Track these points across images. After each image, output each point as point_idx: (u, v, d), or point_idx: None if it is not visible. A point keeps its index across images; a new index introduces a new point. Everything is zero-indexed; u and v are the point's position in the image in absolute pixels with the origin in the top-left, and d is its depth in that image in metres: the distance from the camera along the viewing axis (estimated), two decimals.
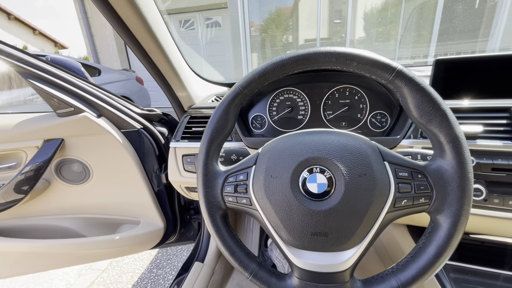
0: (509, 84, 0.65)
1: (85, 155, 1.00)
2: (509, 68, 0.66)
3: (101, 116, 0.95)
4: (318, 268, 0.43)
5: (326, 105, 0.76)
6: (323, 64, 0.44)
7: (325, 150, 0.43)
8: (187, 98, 0.90)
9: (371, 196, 0.40)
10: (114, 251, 1.14)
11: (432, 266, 0.40)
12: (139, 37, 0.70)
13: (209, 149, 0.50)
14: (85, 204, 1.12)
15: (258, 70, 0.46)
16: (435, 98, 0.39)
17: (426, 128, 0.41)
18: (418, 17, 4.64)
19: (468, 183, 0.38)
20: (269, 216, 0.45)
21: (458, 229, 0.39)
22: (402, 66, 0.40)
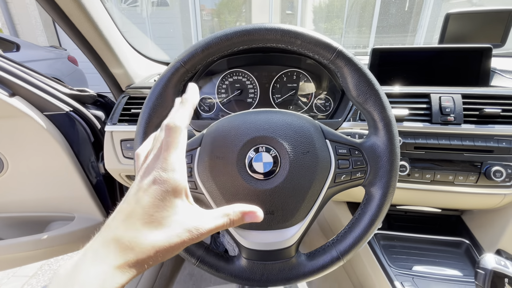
0: (432, 72, 0.74)
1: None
2: (431, 59, 0.75)
3: (15, 95, 0.79)
4: (265, 246, 0.44)
5: (275, 88, 0.77)
6: (269, 41, 0.43)
7: (271, 129, 0.42)
8: (125, 76, 0.80)
9: (314, 172, 0.42)
10: (42, 253, 0.99)
11: (365, 234, 0.44)
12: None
13: (147, 131, 0.45)
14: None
15: (201, 43, 0.43)
16: (370, 79, 0.42)
17: (362, 108, 0.44)
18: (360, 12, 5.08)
19: (395, 157, 0.43)
20: (215, 199, 0.43)
21: (387, 198, 0.43)
22: (342, 47, 0.42)
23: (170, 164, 0.26)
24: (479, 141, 0.64)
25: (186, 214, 0.27)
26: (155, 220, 0.25)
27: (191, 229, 0.26)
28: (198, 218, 0.27)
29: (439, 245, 0.78)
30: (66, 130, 0.89)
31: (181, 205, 0.27)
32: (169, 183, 0.26)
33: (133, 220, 0.25)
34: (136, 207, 0.25)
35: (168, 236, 0.25)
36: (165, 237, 0.25)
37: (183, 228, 0.26)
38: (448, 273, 0.69)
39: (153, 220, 0.25)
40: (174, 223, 0.25)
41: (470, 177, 0.64)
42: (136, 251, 0.24)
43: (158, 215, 0.25)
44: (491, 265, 0.48)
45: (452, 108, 0.65)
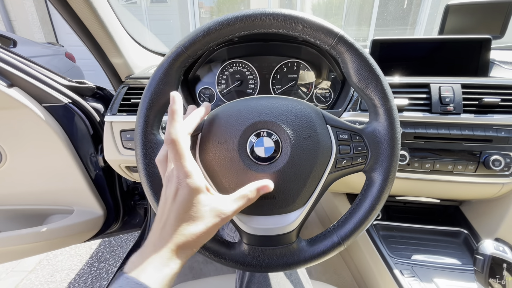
0: (431, 63, 0.74)
1: None
2: (431, 50, 0.75)
3: (13, 86, 0.78)
4: (266, 231, 0.44)
5: (275, 79, 0.77)
6: (270, 27, 0.42)
7: (272, 114, 0.42)
8: (124, 67, 0.80)
9: (315, 157, 0.42)
10: (41, 246, 0.99)
11: (366, 219, 0.44)
12: None
13: (148, 115, 0.45)
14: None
15: (202, 28, 0.42)
16: (371, 64, 0.42)
17: (363, 93, 0.44)
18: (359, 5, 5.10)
19: (396, 142, 0.43)
20: (218, 184, 0.43)
21: (388, 183, 0.43)
22: (344, 32, 0.42)
23: (185, 172, 0.32)
24: (478, 131, 0.64)
25: (212, 204, 0.33)
26: (190, 217, 0.32)
27: (219, 214, 0.33)
28: (222, 203, 0.34)
29: (438, 235, 0.78)
30: (65, 122, 0.88)
31: (205, 198, 0.33)
32: (190, 186, 0.32)
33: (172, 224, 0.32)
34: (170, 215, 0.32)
35: (205, 224, 0.32)
36: (203, 226, 0.32)
37: (213, 215, 0.33)
38: (446, 262, 0.70)
39: (189, 217, 0.32)
40: (205, 213, 0.32)
41: (469, 166, 0.65)
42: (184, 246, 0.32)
43: (190, 212, 0.32)
44: (490, 250, 0.48)
45: (451, 98, 0.65)
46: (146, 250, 0.32)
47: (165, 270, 0.30)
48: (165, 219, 0.32)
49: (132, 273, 0.29)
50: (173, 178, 0.33)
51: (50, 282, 1.44)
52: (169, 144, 0.33)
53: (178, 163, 0.32)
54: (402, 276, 0.66)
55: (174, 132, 0.33)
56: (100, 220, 1.07)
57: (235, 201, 0.35)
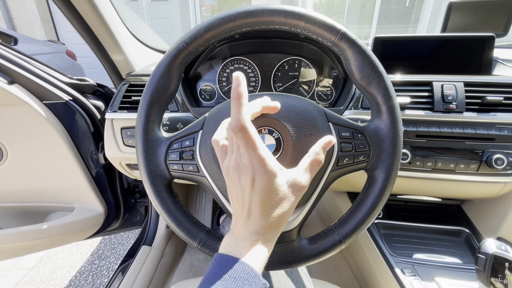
0: (434, 61, 0.74)
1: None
2: (434, 48, 0.75)
3: (14, 83, 0.78)
4: None
5: (276, 77, 0.76)
6: (272, 23, 0.42)
7: None
8: (125, 64, 0.79)
9: None
10: (42, 243, 0.99)
11: (368, 217, 0.43)
12: None
13: (149, 112, 0.45)
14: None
15: (204, 24, 0.42)
16: (374, 61, 0.42)
17: (366, 91, 0.43)
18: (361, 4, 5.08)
19: (398, 140, 0.42)
20: (217, 181, 0.43)
21: (390, 181, 0.43)
22: (346, 28, 0.41)
23: (259, 160, 0.31)
24: (480, 129, 0.63)
25: (289, 181, 0.34)
26: (273, 201, 0.33)
27: (298, 188, 0.34)
28: (298, 177, 0.35)
29: (439, 234, 0.78)
30: (65, 119, 0.88)
31: (282, 179, 0.33)
32: (267, 174, 0.31)
33: (259, 211, 0.32)
34: (253, 203, 0.33)
35: (288, 202, 0.34)
36: (287, 205, 0.34)
37: (293, 191, 0.34)
38: (448, 261, 0.70)
39: (273, 201, 0.33)
40: (286, 193, 0.33)
41: (471, 165, 0.64)
42: (274, 227, 0.34)
43: (273, 196, 0.32)
44: (492, 249, 0.48)
45: (454, 96, 0.65)
46: (239, 237, 0.33)
47: (264, 254, 0.33)
48: (248, 207, 0.33)
49: (243, 259, 0.31)
50: (247, 167, 0.32)
51: (51, 279, 1.45)
52: (237, 132, 0.30)
53: (250, 151, 0.31)
54: (403, 275, 0.66)
55: (242, 119, 0.30)
56: (100, 218, 1.07)
57: (308, 170, 0.36)
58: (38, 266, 1.53)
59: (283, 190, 0.33)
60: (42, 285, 1.41)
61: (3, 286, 1.40)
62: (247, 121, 0.30)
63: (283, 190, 0.33)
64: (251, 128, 0.31)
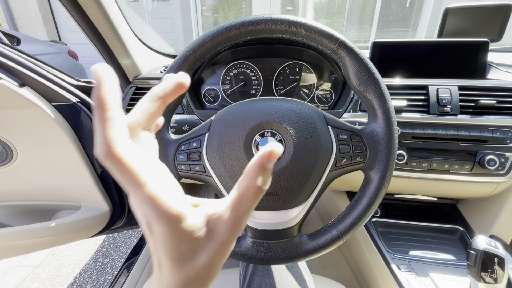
0: (430, 65, 0.76)
1: (5, 132, 0.85)
2: (430, 52, 0.77)
3: (24, 85, 0.81)
4: (269, 226, 0.46)
5: (278, 80, 0.79)
6: (275, 31, 0.45)
7: (276, 115, 0.45)
8: (132, 67, 0.82)
9: (316, 156, 0.44)
10: (49, 240, 1.02)
11: (364, 214, 0.46)
12: None
13: None
14: (8, 190, 0.97)
15: (210, 33, 0.45)
16: (371, 68, 0.44)
17: (363, 96, 0.46)
18: (361, 7, 5.10)
19: (393, 143, 0.45)
20: (223, 181, 0.46)
21: (385, 181, 0.45)
22: (344, 37, 0.44)
23: (153, 201, 0.19)
24: (474, 131, 0.66)
25: (208, 222, 0.22)
26: (184, 251, 0.21)
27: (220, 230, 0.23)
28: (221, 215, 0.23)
29: (434, 232, 0.81)
30: (73, 120, 0.91)
31: (192, 221, 0.22)
32: (167, 219, 0.20)
33: (168, 266, 0.22)
34: (160, 255, 0.22)
35: (209, 252, 0.22)
36: (207, 256, 0.22)
37: (214, 235, 0.22)
38: (442, 257, 0.73)
39: (183, 252, 0.21)
40: (202, 239, 0.22)
41: (465, 166, 0.67)
42: (193, 284, 0.22)
43: (182, 245, 0.21)
44: (482, 246, 0.51)
45: (449, 100, 0.68)
46: None
47: None
48: (157, 257, 0.23)
49: None
50: (137, 209, 0.21)
51: (56, 276, 1.47)
52: (106, 161, 0.18)
53: (133, 188, 0.19)
54: (399, 271, 0.69)
55: (109, 140, 0.18)
56: (106, 216, 1.10)
57: (238, 204, 0.25)
58: (43, 263, 1.56)
59: (197, 236, 0.21)
60: (47, 282, 1.44)
61: (9, 283, 1.43)
62: (118, 142, 0.18)
63: (198, 236, 0.22)
64: (127, 153, 0.18)
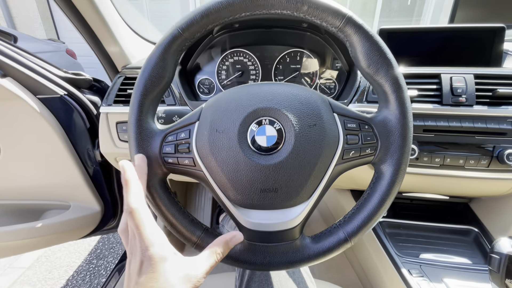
0: (441, 53, 0.71)
1: None
2: (441, 40, 0.72)
3: (6, 76, 0.76)
4: (267, 227, 0.41)
5: (277, 69, 0.74)
6: (273, 7, 0.39)
7: (275, 100, 0.40)
8: (120, 56, 0.77)
9: (321, 147, 0.39)
10: (37, 242, 0.97)
11: (375, 214, 0.41)
12: None
13: (143, 102, 0.42)
14: None
15: (200, 9, 0.39)
16: (382, 47, 0.39)
17: (373, 79, 0.41)
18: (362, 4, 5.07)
19: (408, 132, 0.40)
20: (215, 175, 0.40)
21: (399, 176, 0.40)
22: (352, 13, 0.39)
23: (147, 243, 0.30)
24: (491, 123, 0.61)
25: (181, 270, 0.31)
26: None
27: (190, 279, 0.31)
28: (192, 267, 0.32)
29: (446, 233, 0.75)
30: (60, 114, 0.86)
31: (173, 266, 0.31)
32: (154, 257, 0.29)
33: None
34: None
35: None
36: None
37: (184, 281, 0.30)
38: (457, 261, 0.67)
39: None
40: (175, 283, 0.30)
41: (481, 161, 0.62)
42: None
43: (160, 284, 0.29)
44: (507, 249, 0.45)
45: (463, 89, 0.62)
46: None
47: None
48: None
49: None
50: (137, 250, 0.30)
51: (48, 279, 1.42)
52: (129, 215, 0.31)
53: (139, 232, 0.30)
54: (410, 276, 0.63)
55: (132, 200, 0.32)
56: (97, 216, 1.05)
57: (206, 261, 0.34)
58: (35, 265, 1.51)
59: (172, 279, 0.30)
60: (38, 285, 1.39)
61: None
62: (135, 203, 0.32)
63: (173, 279, 0.30)
64: (140, 209, 0.31)
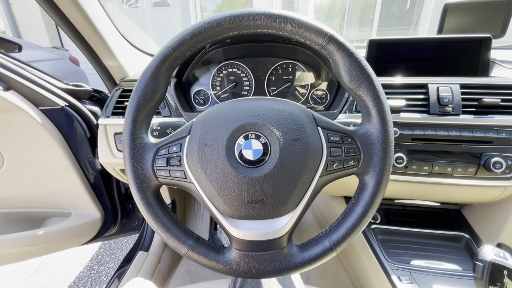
0: (429, 63, 0.73)
1: None
2: (430, 50, 0.74)
3: (10, 89, 0.79)
4: (256, 236, 0.43)
5: (270, 80, 0.76)
6: (259, 27, 0.41)
7: (260, 115, 0.41)
8: (118, 69, 0.80)
9: (305, 160, 0.41)
10: (38, 249, 0.99)
11: (359, 224, 0.42)
12: None
13: (136, 118, 0.44)
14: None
15: (189, 30, 0.42)
16: (363, 64, 0.41)
17: (355, 94, 0.43)
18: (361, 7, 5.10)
19: (389, 144, 0.41)
20: (205, 188, 0.42)
21: (381, 186, 0.42)
22: (334, 32, 0.41)
23: None
24: (478, 132, 0.62)
25: None
26: None
27: None
28: None
29: (438, 240, 0.76)
30: (61, 125, 0.88)
31: None
32: None
33: None
34: None
35: None
36: None
37: None
38: (447, 268, 0.68)
39: None
40: None
41: (469, 169, 0.63)
42: None
43: None
44: (490, 257, 0.47)
45: (450, 99, 0.64)
46: None
47: None
48: None
49: None
50: None
51: (50, 284, 1.44)
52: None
53: None
54: (400, 282, 0.64)
55: None
56: (97, 223, 1.07)
57: None
58: (38, 271, 1.53)
59: None
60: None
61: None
62: None
63: None
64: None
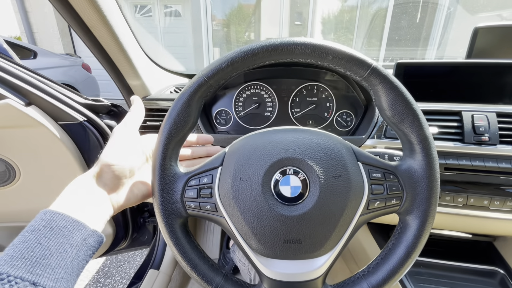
0: (461, 89, 0.70)
1: (9, 152, 0.83)
2: (460, 74, 0.71)
3: (31, 104, 0.78)
4: (290, 277, 0.40)
5: (294, 102, 0.74)
6: (297, 56, 0.40)
7: (299, 150, 0.39)
8: (141, 88, 0.79)
9: (346, 198, 0.38)
10: None
11: (401, 267, 0.39)
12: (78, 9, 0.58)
13: (167, 147, 0.42)
14: (9, 211, 0.93)
15: (226, 58, 0.40)
16: (407, 98, 0.39)
17: (397, 128, 0.40)
18: (370, 25, 5.09)
19: (435, 183, 0.39)
20: (237, 224, 0.40)
21: (426, 229, 0.39)
22: (377, 63, 0.39)
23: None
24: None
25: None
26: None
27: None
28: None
29: (469, 274, 0.72)
30: (79, 139, 0.88)
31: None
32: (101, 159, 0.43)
33: None
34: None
35: None
36: None
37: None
38: None
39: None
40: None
41: (507, 202, 0.59)
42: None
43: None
44: None
45: (486, 128, 0.61)
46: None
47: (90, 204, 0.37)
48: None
49: None
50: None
51: None
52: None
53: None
54: None
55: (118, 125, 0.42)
56: (109, 238, 1.05)
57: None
58: None
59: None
60: None
61: None
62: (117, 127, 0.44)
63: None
64: (116, 130, 0.44)
